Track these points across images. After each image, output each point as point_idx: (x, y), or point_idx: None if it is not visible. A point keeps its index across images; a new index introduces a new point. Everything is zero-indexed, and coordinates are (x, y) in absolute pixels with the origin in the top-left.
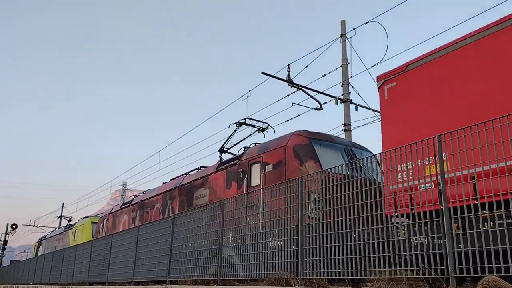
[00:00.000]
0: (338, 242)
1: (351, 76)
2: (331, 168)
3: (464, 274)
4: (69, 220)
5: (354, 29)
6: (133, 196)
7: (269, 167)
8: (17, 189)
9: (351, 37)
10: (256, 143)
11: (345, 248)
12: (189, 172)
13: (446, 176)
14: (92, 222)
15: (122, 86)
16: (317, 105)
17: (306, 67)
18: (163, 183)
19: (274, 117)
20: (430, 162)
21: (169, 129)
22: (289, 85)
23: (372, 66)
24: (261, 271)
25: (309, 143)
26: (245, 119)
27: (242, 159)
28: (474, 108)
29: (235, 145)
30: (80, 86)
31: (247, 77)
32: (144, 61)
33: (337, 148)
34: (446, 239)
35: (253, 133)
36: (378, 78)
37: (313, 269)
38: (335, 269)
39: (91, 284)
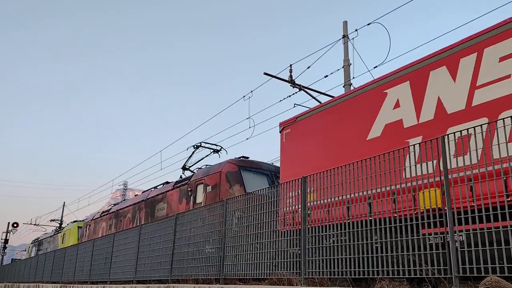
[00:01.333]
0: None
1: (353, 77)
2: (256, 191)
3: (468, 274)
4: (60, 224)
5: (356, 30)
6: (112, 205)
7: (209, 188)
8: (18, 189)
9: (353, 38)
10: (206, 165)
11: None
12: (156, 186)
13: (315, 202)
14: (78, 227)
15: (123, 87)
16: None
17: (308, 67)
18: (135, 195)
19: (276, 117)
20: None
21: (171, 129)
22: (291, 85)
23: (374, 67)
24: (264, 271)
25: (238, 170)
26: (200, 142)
27: (191, 180)
28: (333, 154)
29: (196, 163)
30: (82, 87)
31: (249, 78)
32: (144, 61)
33: (263, 174)
34: (449, 239)
35: (209, 154)
36: (280, 124)
37: (315, 269)
38: (337, 268)
39: (92, 283)
